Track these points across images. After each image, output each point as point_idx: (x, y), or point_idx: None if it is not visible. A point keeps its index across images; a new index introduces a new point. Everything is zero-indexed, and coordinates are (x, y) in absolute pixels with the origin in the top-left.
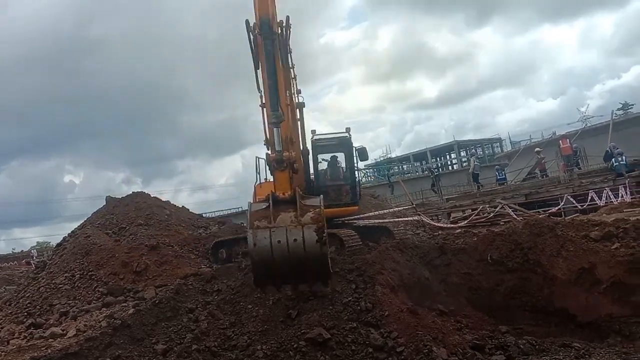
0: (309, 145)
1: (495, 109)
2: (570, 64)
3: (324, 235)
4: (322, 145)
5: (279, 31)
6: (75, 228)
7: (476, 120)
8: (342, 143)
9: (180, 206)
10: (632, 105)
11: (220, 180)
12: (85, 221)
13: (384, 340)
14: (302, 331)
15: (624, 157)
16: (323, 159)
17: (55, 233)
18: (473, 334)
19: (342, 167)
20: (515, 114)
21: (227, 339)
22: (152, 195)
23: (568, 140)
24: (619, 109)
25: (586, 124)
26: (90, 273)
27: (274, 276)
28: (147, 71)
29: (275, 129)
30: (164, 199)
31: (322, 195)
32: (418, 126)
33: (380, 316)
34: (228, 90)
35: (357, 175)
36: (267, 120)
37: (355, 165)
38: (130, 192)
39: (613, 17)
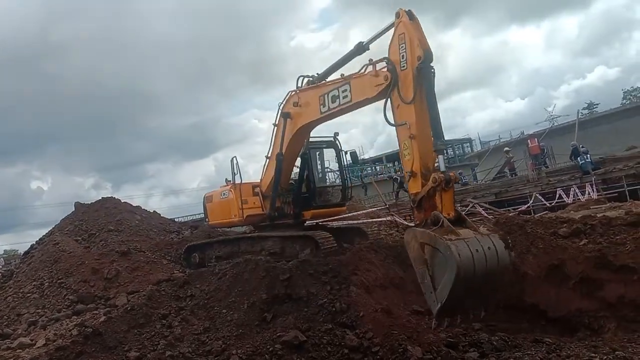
0: None
1: (465, 110)
2: (537, 64)
3: (509, 241)
4: (313, 148)
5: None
6: (44, 235)
7: (447, 121)
8: (332, 146)
9: (152, 211)
10: (597, 104)
11: (192, 184)
12: (53, 228)
13: (359, 340)
14: (278, 334)
15: (589, 155)
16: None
17: (23, 241)
18: (447, 332)
19: (328, 169)
20: (485, 115)
21: (201, 344)
22: (122, 201)
23: (536, 139)
24: (584, 109)
25: (553, 124)
26: (59, 281)
27: (466, 298)
28: (115, 74)
29: (440, 156)
30: (134, 204)
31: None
32: (390, 127)
33: (355, 317)
34: (198, 93)
35: (346, 177)
36: (425, 149)
37: (345, 167)
38: (100, 198)
39: (577, 18)
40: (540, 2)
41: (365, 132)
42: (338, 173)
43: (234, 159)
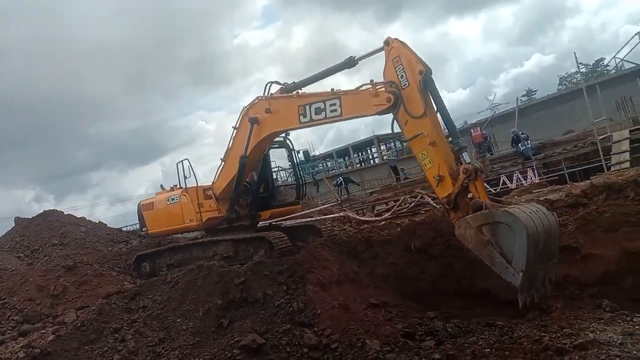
0: None
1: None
2: (477, 55)
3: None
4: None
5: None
6: None
7: None
8: (284, 145)
9: (97, 221)
10: (535, 91)
11: (139, 190)
12: None
13: (318, 338)
14: (236, 339)
15: (529, 141)
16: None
17: None
18: (403, 323)
19: (280, 168)
20: None
21: (157, 355)
22: (65, 213)
23: (479, 128)
24: (523, 96)
25: (494, 112)
26: (2, 301)
27: (538, 263)
28: (50, 81)
29: (464, 153)
30: (79, 215)
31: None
32: (338, 123)
33: (312, 315)
34: (140, 97)
35: (300, 176)
36: (446, 151)
37: (298, 165)
38: (42, 211)
39: (512, 8)
40: None
41: (314, 128)
42: (290, 172)
43: (186, 161)
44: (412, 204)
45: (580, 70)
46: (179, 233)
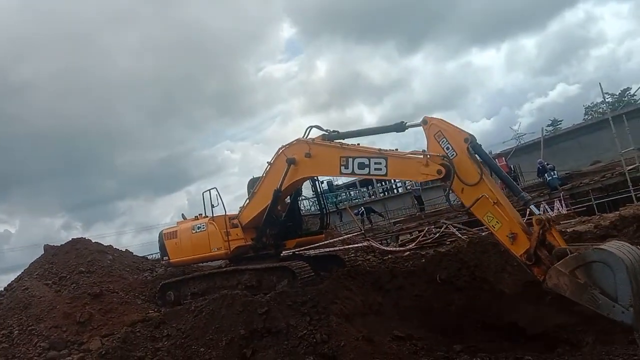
0: None
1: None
2: (500, 85)
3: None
4: None
5: None
6: (12, 281)
7: (417, 144)
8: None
9: (124, 249)
10: (561, 121)
11: (165, 218)
12: (22, 272)
13: None
14: None
15: (556, 172)
16: None
17: None
18: (429, 357)
19: (304, 197)
20: None
21: None
22: (93, 240)
23: (504, 158)
24: (548, 126)
25: (519, 142)
26: (30, 328)
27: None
28: (79, 113)
29: (531, 206)
30: (106, 243)
31: None
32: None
33: (336, 347)
34: (165, 127)
35: (324, 205)
36: (510, 208)
37: (322, 195)
38: (70, 239)
39: (535, 39)
40: (497, 24)
41: None
42: (314, 201)
43: (214, 190)
44: (437, 234)
45: (607, 100)
46: (204, 262)
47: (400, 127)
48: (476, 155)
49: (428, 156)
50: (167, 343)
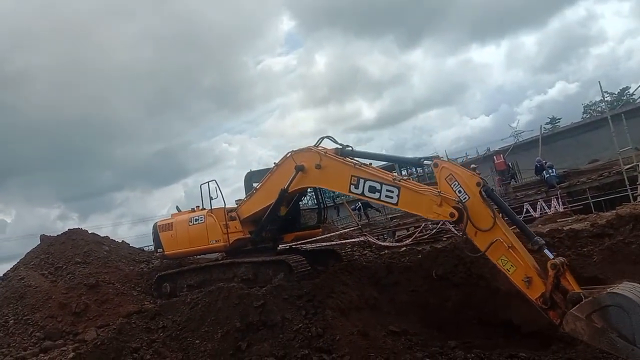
0: None
1: (432, 128)
2: (499, 81)
3: None
4: None
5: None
6: (8, 270)
7: (414, 140)
8: None
9: (120, 241)
10: (559, 119)
11: (162, 210)
12: (18, 262)
13: None
14: None
15: (554, 170)
16: None
17: None
18: (424, 352)
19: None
20: (451, 132)
21: None
22: (89, 231)
23: (502, 155)
24: (547, 124)
25: (517, 139)
26: (25, 317)
27: None
28: (75, 103)
29: (545, 250)
30: (102, 234)
31: None
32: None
33: (331, 341)
34: (163, 120)
35: (322, 200)
36: (524, 252)
37: (319, 190)
38: (67, 229)
39: (535, 36)
40: (498, 21)
41: None
42: (311, 195)
43: (213, 182)
44: (434, 230)
45: (606, 98)
46: (201, 254)
47: (416, 162)
48: (489, 198)
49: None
50: (163, 335)
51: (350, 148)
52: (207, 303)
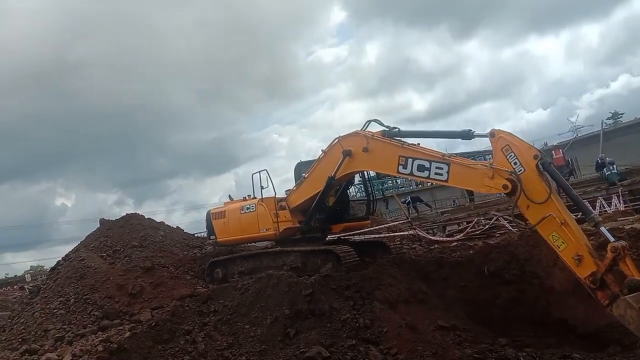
0: None
1: (486, 121)
2: (558, 74)
3: None
4: None
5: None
6: (69, 251)
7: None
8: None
9: (175, 227)
10: (622, 114)
11: (213, 198)
12: (79, 244)
13: (383, 357)
14: (301, 350)
15: (615, 166)
16: None
17: (49, 257)
18: (473, 348)
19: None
20: (506, 126)
21: None
22: (145, 216)
23: (560, 150)
24: (608, 119)
25: (577, 134)
26: (85, 297)
27: None
28: (133, 92)
29: (602, 228)
30: (157, 220)
31: None
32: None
33: (379, 332)
34: (215, 109)
35: (371, 192)
36: (577, 229)
37: (369, 181)
38: (123, 214)
39: (598, 27)
40: (558, 11)
41: None
42: (360, 187)
43: (264, 172)
44: (487, 226)
45: None
46: (252, 242)
47: (467, 135)
48: (546, 172)
49: (495, 169)
50: (214, 318)
51: (397, 129)
52: (257, 289)
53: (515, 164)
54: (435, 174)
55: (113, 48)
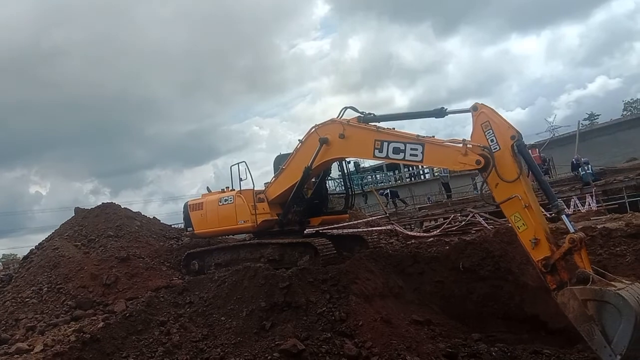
0: None
1: (466, 119)
2: (538, 74)
3: None
4: None
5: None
6: (43, 240)
7: (447, 130)
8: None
9: (151, 217)
10: (598, 115)
11: (191, 190)
12: (53, 233)
13: (358, 350)
14: (276, 342)
15: (590, 167)
16: None
17: (22, 245)
18: (446, 342)
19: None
20: None
21: (199, 351)
22: (122, 207)
23: (537, 150)
24: (585, 119)
25: (554, 134)
26: (58, 286)
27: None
28: (111, 81)
29: (563, 216)
30: (134, 210)
31: None
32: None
33: (354, 326)
34: (194, 100)
35: (350, 186)
36: (540, 214)
37: (348, 176)
38: (99, 203)
39: (578, 28)
40: (540, 11)
41: None
42: (339, 181)
43: (242, 164)
44: (463, 222)
45: None
46: (229, 234)
47: (440, 113)
48: (520, 154)
49: (468, 146)
50: (189, 310)
51: (371, 114)
52: (234, 282)
53: (492, 141)
54: (410, 155)
55: (90, 38)
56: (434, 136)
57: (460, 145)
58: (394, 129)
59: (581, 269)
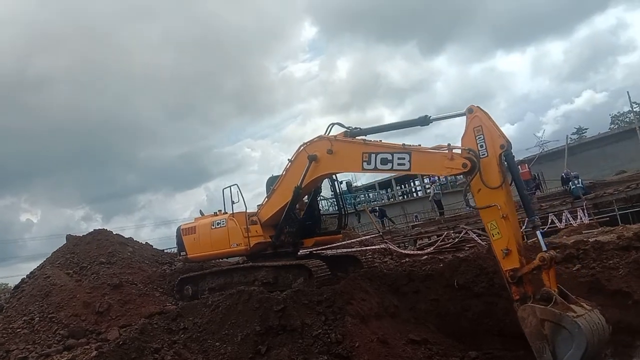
0: None
1: (455, 136)
2: (525, 90)
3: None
4: None
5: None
6: (35, 269)
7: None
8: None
9: (144, 242)
10: (586, 129)
11: (184, 213)
12: (44, 261)
13: None
14: None
15: (580, 180)
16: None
17: (13, 274)
18: None
19: (322, 197)
20: None
21: None
22: (114, 232)
23: (527, 165)
24: (573, 134)
25: (543, 149)
26: (50, 315)
27: None
28: (98, 106)
29: (538, 232)
30: (126, 236)
31: None
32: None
33: (350, 347)
34: (184, 124)
35: (342, 205)
36: (516, 227)
37: (341, 196)
38: (91, 230)
39: (562, 43)
40: (523, 27)
41: None
42: (332, 201)
43: (235, 186)
44: (456, 239)
45: (634, 109)
46: (223, 258)
47: (424, 121)
48: (506, 164)
49: (454, 151)
50: (184, 336)
51: (357, 129)
52: (228, 306)
53: (481, 146)
54: (398, 164)
55: (77, 64)
56: (419, 145)
57: (446, 150)
58: (381, 141)
59: (546, 287)
